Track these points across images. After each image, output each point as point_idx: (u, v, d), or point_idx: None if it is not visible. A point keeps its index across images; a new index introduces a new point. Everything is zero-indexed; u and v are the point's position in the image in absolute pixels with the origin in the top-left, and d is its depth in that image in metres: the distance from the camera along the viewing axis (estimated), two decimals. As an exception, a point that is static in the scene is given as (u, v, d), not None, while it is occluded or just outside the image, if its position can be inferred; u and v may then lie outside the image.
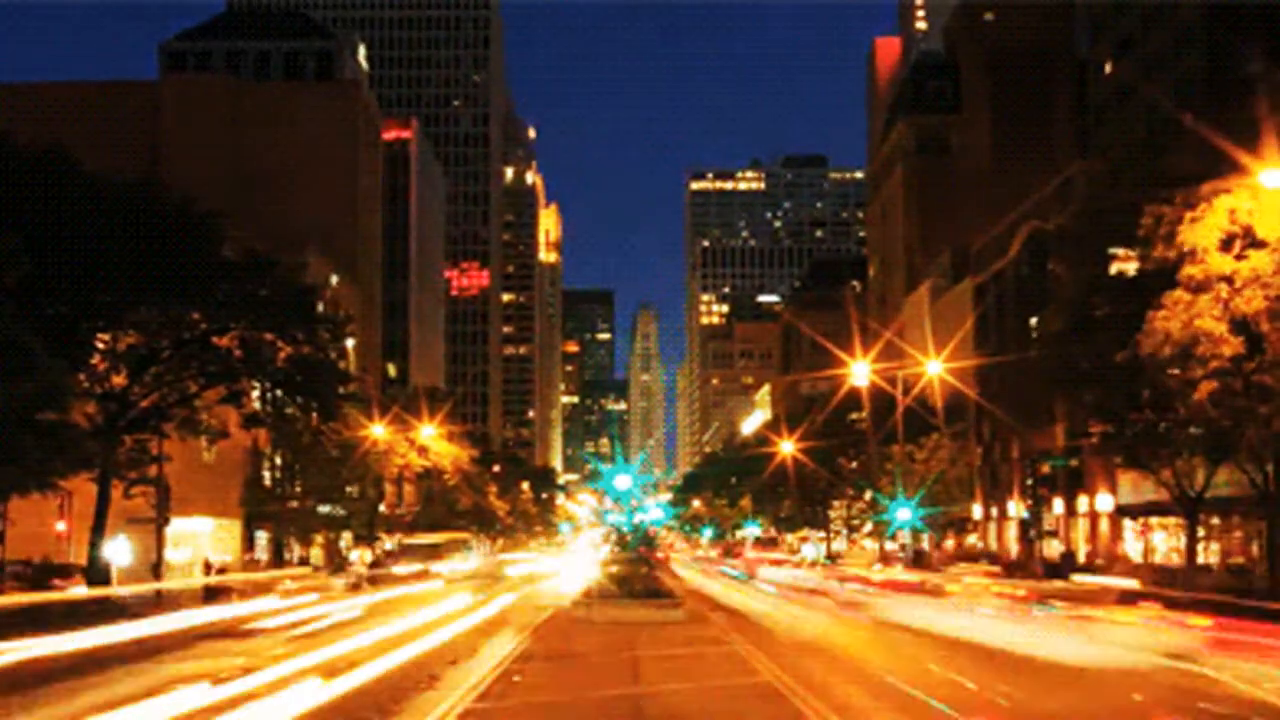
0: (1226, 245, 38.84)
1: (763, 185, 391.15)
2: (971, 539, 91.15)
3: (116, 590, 48.83)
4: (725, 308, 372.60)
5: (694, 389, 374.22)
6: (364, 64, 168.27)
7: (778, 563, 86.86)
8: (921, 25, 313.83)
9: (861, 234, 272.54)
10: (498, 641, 33.45)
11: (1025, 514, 78.68)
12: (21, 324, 36.51)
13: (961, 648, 30.74)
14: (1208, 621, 30.08)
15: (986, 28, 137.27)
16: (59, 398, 38.96)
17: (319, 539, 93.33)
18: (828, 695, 22.76)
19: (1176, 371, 39.90)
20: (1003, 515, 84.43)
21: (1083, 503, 71.17)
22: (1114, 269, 48.59)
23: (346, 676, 24.49)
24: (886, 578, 62.65)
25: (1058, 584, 51.07)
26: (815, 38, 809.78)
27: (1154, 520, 63.58)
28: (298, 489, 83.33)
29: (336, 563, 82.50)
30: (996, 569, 68.98)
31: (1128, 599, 37.00)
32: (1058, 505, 73.61)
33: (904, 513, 74.77)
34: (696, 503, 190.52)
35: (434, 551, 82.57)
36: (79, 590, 45.64)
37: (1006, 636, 32.40)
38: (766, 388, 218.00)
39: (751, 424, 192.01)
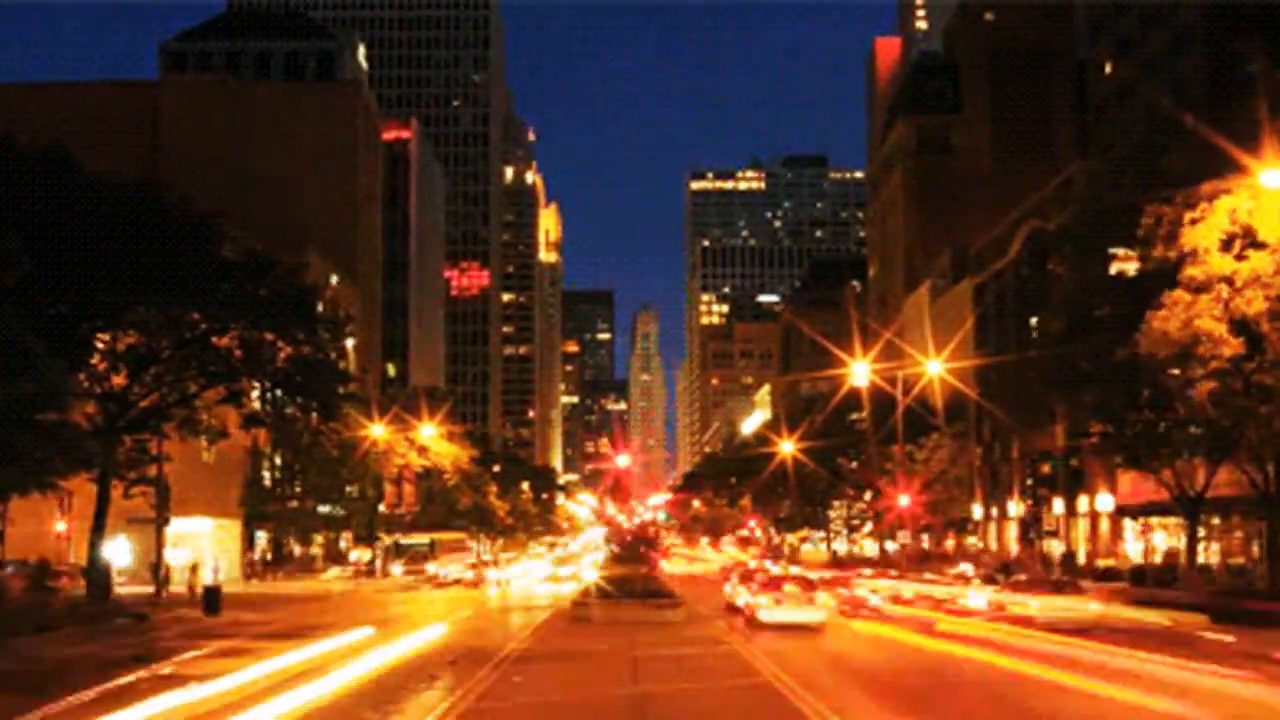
0: (1227, 245, 38.80)
1: (763, 185, 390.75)
2: (971, 539, 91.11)
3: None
4: (725, 308, 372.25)
5: (694, 389, 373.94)
6: (364, 64, 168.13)
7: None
8: (921, 25, 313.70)
9: (861, 234, 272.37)
10: (496, 642, 33.41)
11: (1025, 514, 78.69)
12: (21, 324, 36.45)
13: None
14: None
15: (986, 28, 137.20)
16: (59, 398, 38.88)
17: (319, 539, 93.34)
18: (827, 695, 22.74)
19: (1176, 371, 39.89)
20: (1003, 515, 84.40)
21: (1083, 503, 71.14)
22: (1114, 269, 48.55)
23: None
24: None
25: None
26: (815, 38, 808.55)
27: (1154, 520, 63.57)
28: (297, 489, 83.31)
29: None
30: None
31: None
32: (1058, 505, 73.56)
33: (903, 499, 74.64)
34: (696, 503, 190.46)
35: (428, 553, 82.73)
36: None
37: None
38: (766, 388, 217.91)
39: (751, 424, 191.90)
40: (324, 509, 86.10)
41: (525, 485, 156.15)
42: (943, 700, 23.57)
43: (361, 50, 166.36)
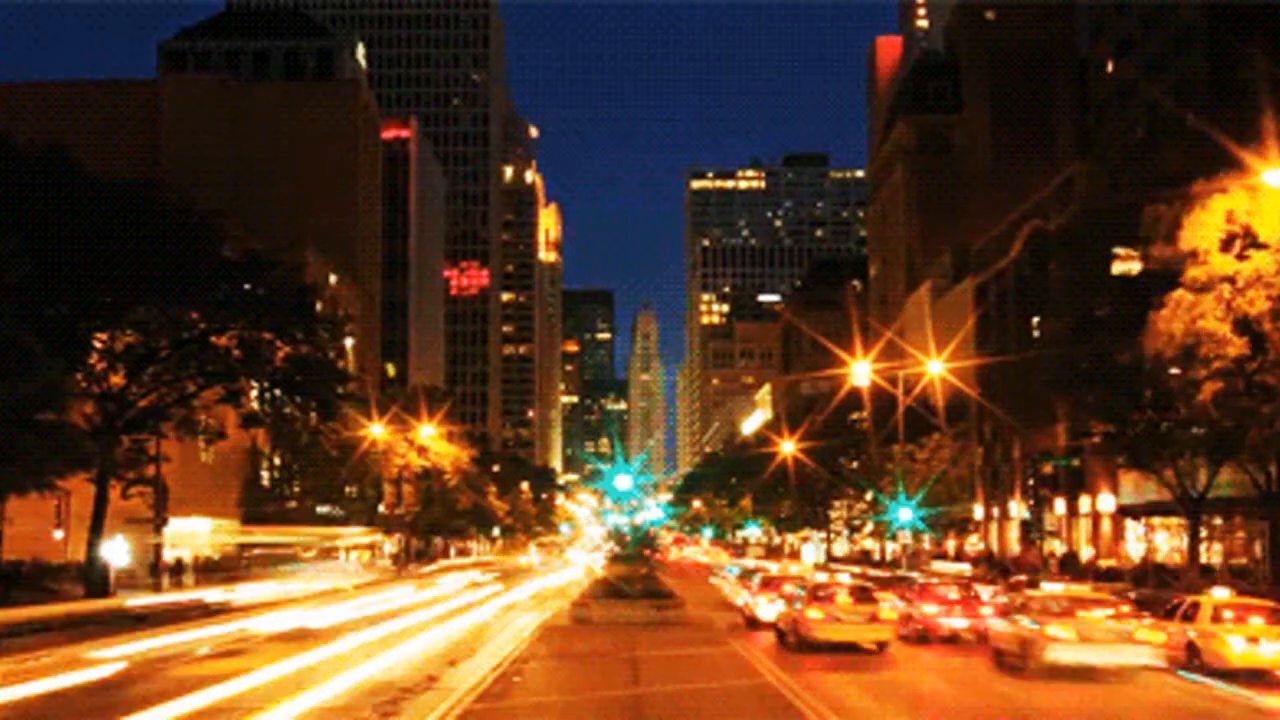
0: (1227, 245, 38.70)
1: (763, 184, 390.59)
2: (972, 539, 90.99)
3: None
4: (725, 307, 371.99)
5: (694, 389, 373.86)
6: (363, 63, 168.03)
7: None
8: (923, 24, 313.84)
9: (862, 234, 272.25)
10: (497, 642, 33.34)
11: (1026, 514, 78.52)
12: (21, 324, 36.39)
13: None
14: None
15: (987, 27, 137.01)
16: (57, 398, 38.83)
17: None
18: (827, 695, 22.66)
19: (1178, 371, 39.78)
20: (1004, 515, 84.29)
21: (1084, 503, 71.00)
22: (1115, 269, 48.44)
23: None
24: None
25: None
26: (815, 38, 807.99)
27: (1156, 520, 63.45)
28: (296, 489, 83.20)
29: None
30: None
31: None
32: (1059, 505, 73.40)
33: (905, 512, 74.65)
34: (696, 503, 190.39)
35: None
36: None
37: None
38: (766, 388, 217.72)
39: (751, 424, 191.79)
40: (323, 509, 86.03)
41: (525, 485, 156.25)
42: (944, 699, 23.54)
43: (361, 49, 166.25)
